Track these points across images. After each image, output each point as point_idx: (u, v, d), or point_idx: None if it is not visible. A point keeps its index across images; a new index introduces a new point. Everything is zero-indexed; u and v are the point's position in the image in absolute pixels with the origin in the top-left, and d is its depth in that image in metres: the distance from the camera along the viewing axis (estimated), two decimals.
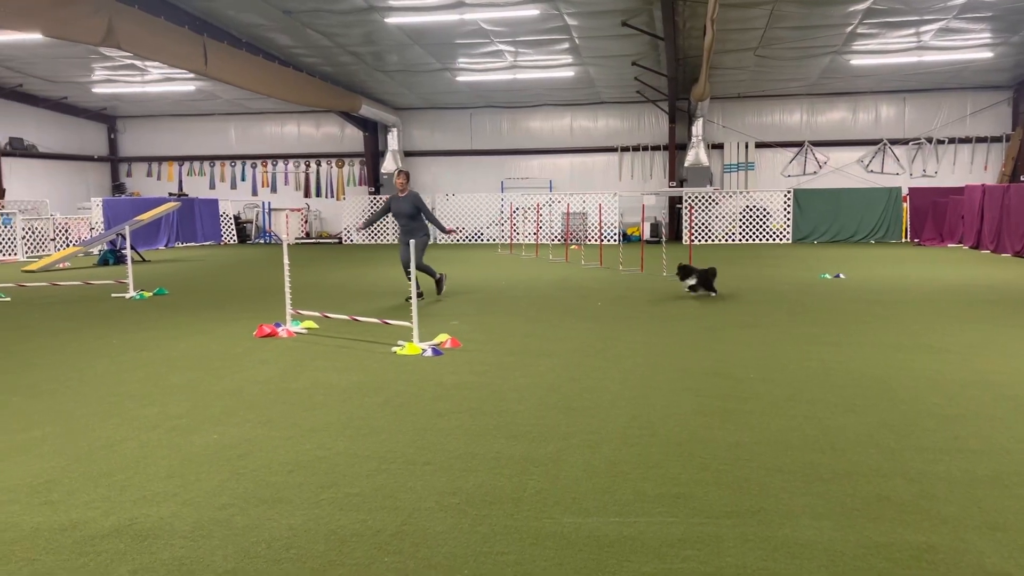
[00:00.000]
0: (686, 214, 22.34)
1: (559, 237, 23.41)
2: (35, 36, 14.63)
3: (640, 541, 3.33)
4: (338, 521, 3.56)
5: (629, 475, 4.09)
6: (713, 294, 11.00)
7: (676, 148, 24.21)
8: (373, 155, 26.42)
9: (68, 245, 19.96)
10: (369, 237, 24.83)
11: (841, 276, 13.32)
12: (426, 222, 10.70)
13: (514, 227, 23.11)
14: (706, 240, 23.15)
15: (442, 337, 7.66)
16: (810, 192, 23.09)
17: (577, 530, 3.44)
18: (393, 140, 25.55)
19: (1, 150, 22.74)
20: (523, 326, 8.78)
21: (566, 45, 18.57)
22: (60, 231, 20.66)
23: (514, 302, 10.78)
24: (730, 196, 23.37)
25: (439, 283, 11.25)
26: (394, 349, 7.37)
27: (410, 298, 9.34)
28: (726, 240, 23.15)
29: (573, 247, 20.97)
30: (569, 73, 21.18)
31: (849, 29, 17.27)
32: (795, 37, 17.85)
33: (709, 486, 3.92)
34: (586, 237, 23.22)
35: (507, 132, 25.94)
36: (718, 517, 3.56)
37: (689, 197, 22.93)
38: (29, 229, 19.75)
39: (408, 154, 26.28)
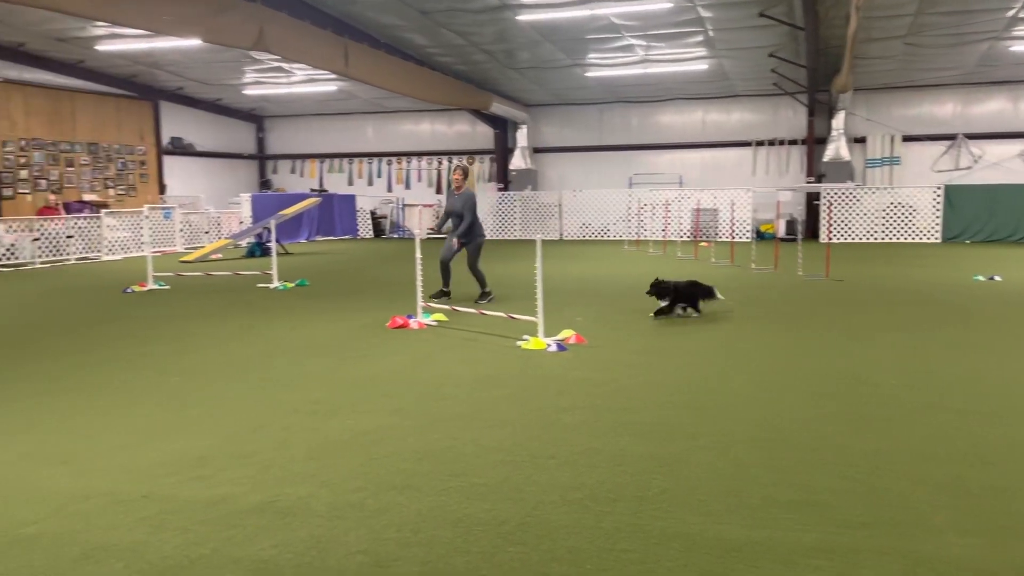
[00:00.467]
0: (824, 211, 21.39)
1: (688, 234, 22.96)
2: (195, 42, 15.68)
3: (768, 547, 3.24)
4: (464, 509, 3.65)
5: (758, 479, 3.98)
6: (696, 314, 8.98)
7: (814, 142, 23.21)
8: (503, 152, 26.76)
9: (220, 237, 21.31)
10: (496, 231, 25.18)
11: (996, 278, 12.40)
12: (469, 223, 10.00)
13: (641, 223, 22.83)
14: (846, 238, 22.09)
15: (567, 333, 7.69)
16: (963, 188, 21.58)
17: (703, 532, 3.38)
18: (522, 137, 25.79)
19: (164, 149, 24.52)
20: (649, 323, 8.68)
21: (700, 38, 18.16)
22: (213, 224, 22.09)
23: (640, 299, 10.66)
24: (873, 192, 22.19)
25: (484, 295, 10.29)
26: (519, 343, 7.45)
27: (436, 296, 9.89)
28: (868, 238, 22.01)
29: (702, 244, 20.52)
30: (702, 66, 20.71)
31: (1011, 13, 16.02)
32: (949, 23, 16.72)
33: (844, 495, 3.76)
34: (716, 234, 22.66)
35: (636, 127, 25.66)
36: (853, 528, 3.41)
37: (828, 193, 21.93)
38: (186, 223, 21.22)
39: (537, 150, 26.46)
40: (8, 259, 16.68)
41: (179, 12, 12.33)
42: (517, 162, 25.88)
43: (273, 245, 13.44)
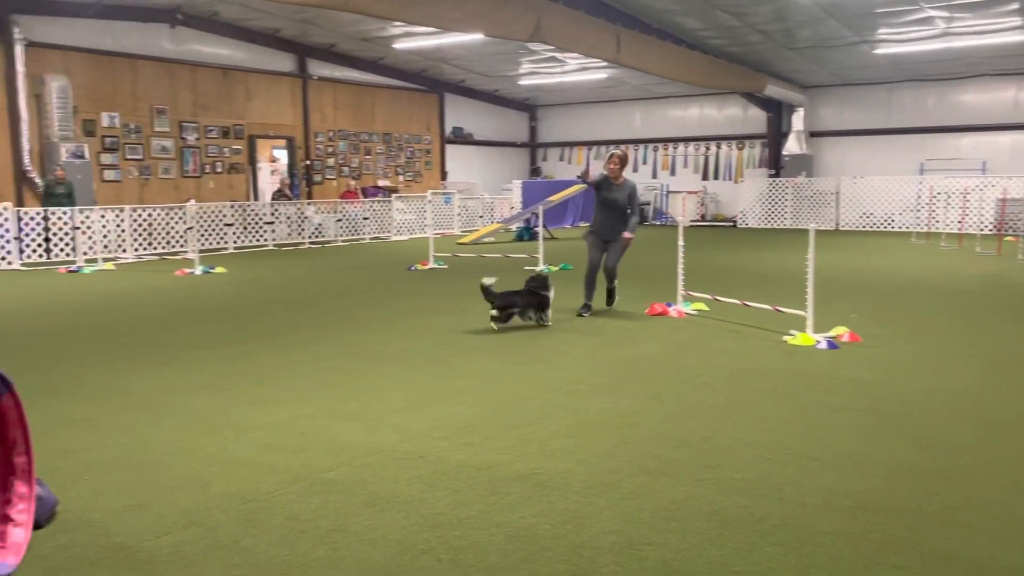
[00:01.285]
0: None
1: (991, 226, 20.38)
2: (477, 36, 16.65)
3: None
4: (720, 502, 3.59)
5: None
6: (546, 323, 7.80)
7: None
8: (775, 136, 25.51)
9: (492, 222, 22.55)
10: (764, 220, 24.10)
11: None
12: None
13: (933, 213, 20.66)
14: None
15: (839, 330, 7.20)
16: None
17: (994, 560, 3.04)
18: (798, 120, 24.40)
19: (446, 138, 26.39)
20: (935, 323, 7.88)
21: (1015, 5, 15.97)
22: (487, 209, 23.42)
23: (926, 297, 9.70)
24: None
25: (611, 293, 9.07)
26: (785, 338, 7.12)
27: (582, 312, 8.52)
28: None
29: (1008, 238, 18.13)
30: (1017, 38, 18.20)
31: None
32: None
33: None
34: None
35: (932, 108, 23.19)
36: None
37: None
38: (463, 207, 22.70)
39: (813, 134, 24.89)
40: (316, 237, 18.94)
41: (464, 9, 13.17)
42: (791, 147, 24.55)
43: (540, 230, 13.97)
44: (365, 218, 19.85)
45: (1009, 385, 5.55)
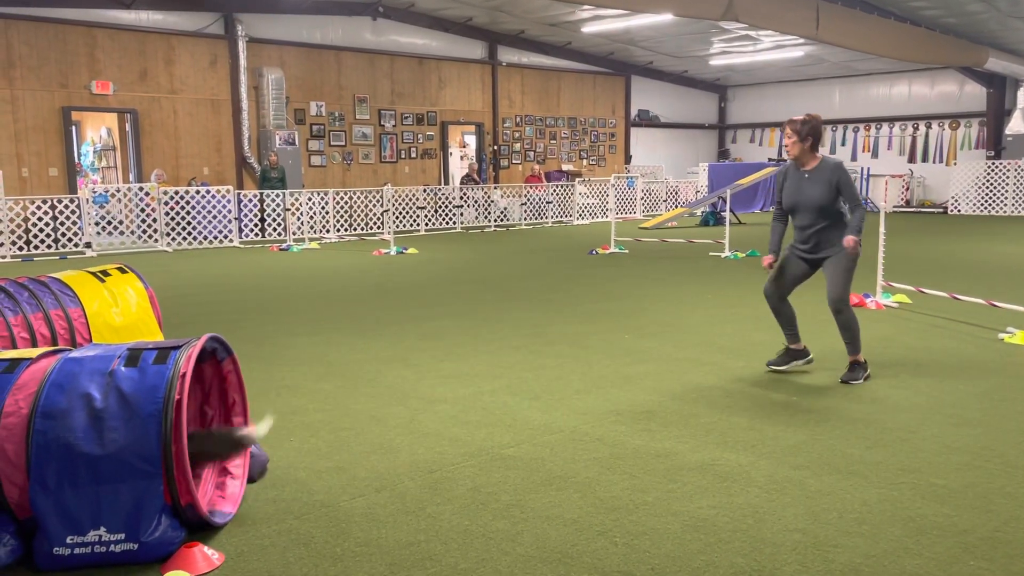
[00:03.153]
0: None
1: None
2: (666, 17, 16.32)
3: None
4: (918, 509, 3.35)
5: None
6: None
7: None
8: (996, 114, 23.12)
9: (677, 206, 22.11)
10: (981, 206, 21.94)
11: None
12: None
13: None
14: None
15: None
16: None
17: None
18: None
19: (632, 121, 26.13)
20: None
21: None
22: (671, 193, 22.99)
23: None
24: None
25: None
26: (1001, 336, 6.48)
27: (783, 361, 5.57)
28: None
29: None
30: None
31: None
32: None
33: None
34: None
35: None
36: None
37: None
38: (647, 191, 22.43)
39: None
40: (501, 220, 19.42)
41: None
42: (1016, 126, 22.14)
43: (727, 214, 13.53)
44: (548, 202, 20.10)
45: None
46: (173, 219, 14.97)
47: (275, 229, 16.24)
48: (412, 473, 3.81)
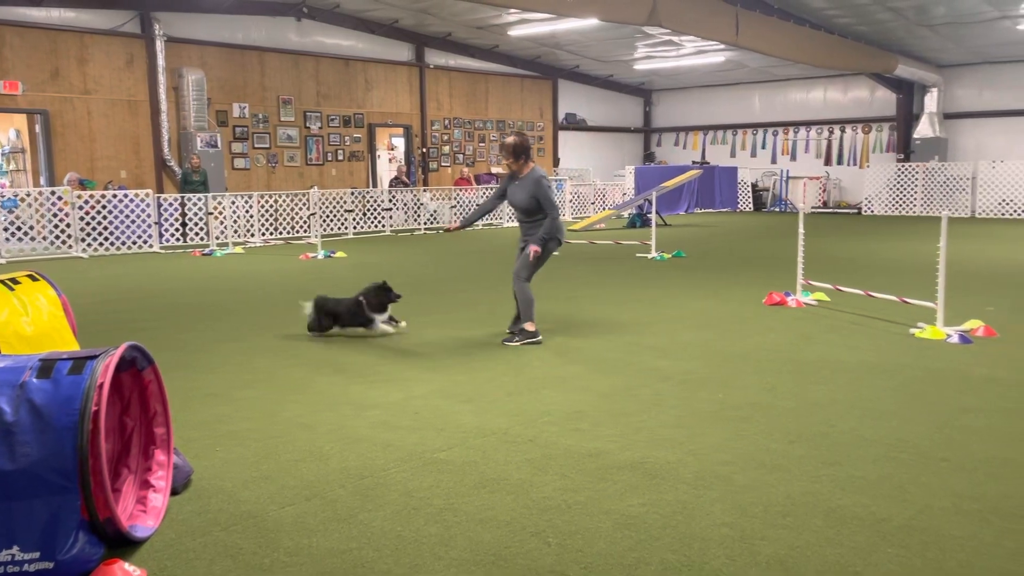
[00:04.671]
0: None
1: None
2: (592, 21, 16.53)
3: None
4: (838, 500, 3.47)
5: None
6: (393, 325, 6.93)
7: None
8: (905, 119, 24.17)
9: (604, 208, 22.39)
10: (892, 207, 22.89)
11: None
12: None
13: None
14: None
15: (973, 323, 6.78)
16: None
17: None
18: (931, 101, 23.02)
19: (559, 125, 26.35)
20: None
21: None
22: (599, 196, 23.27)
23: None
24: None
25: (523, 333, 6.57)
26: (913, 331, 6.77)
27: (507, 339, 6.58)
28: None
29: None
30: None
31: None
32: None
33: None
34: None
35: None
36: None
37: None
38: (575, 194, 22.65)
39: (947, 116, 23.44)
40: (431, 223, 19.34)
41: None
42: (923, 129, 23.19)
43: (653, 216, 13.78)
44: (478, 205, 20.12)
45: None
46: (88, 224, 14.42)
47: (198, 234, 15.80)
48: (343, 480, 3.76)
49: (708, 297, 8.80)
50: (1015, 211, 21.19)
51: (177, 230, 15.66)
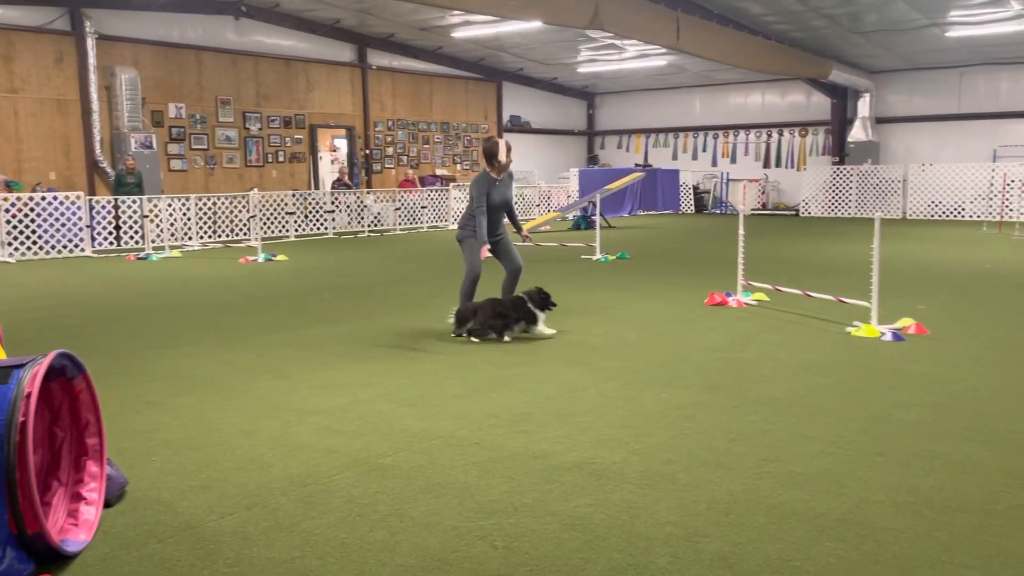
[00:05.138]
0: None
1: None
2: (535, 24, 16.59)
3: None
4: (779, 496, 3.53)
5: None
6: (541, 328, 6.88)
7: None
8: (840, 123, 24.87)
9: (549, 210, 22.49)
10: (828, 208, 23.50)
11: None
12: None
13: (1007, 202, 19.91)
14: None
15: (905, 321, 7.00)
16: None
17: None
18: (864, 106, 23.73)
19: (504, 127, 26.39)
20: (1006, 317, 7.60)
21: None
22: (544, 198, 23.38)
23: (997, 289, 9.36)
24: None
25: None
26: (848, 330, 6.95)
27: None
28: None
29: None
30: None
31: None
32: None
33: None
34: None
35: (1006, 92, 22.31)
36: None
37: None
38: (520, 196, 22.71)
39: (880, 120, 24.19)
40: (375, 225, 19.18)
41: None
42: (857, 134, 23.90)
43: (597, 218, 13.89)
44: (423, 207, 20.02)
45: None
46: (16, 227, 13.90)
47: (132, 237, 15.37)
48: (285, 488, 3.68)
49: (652, 298, 8.90)
50: (943, 213, 21.96)
51: (111, 233, 15.21)
